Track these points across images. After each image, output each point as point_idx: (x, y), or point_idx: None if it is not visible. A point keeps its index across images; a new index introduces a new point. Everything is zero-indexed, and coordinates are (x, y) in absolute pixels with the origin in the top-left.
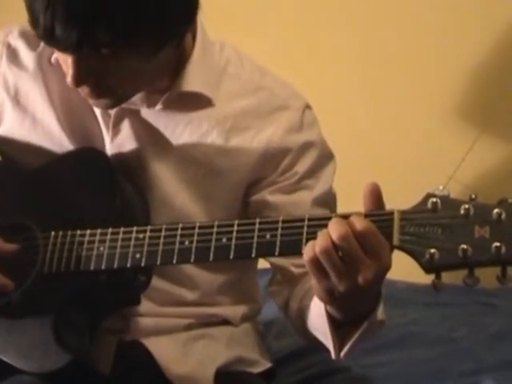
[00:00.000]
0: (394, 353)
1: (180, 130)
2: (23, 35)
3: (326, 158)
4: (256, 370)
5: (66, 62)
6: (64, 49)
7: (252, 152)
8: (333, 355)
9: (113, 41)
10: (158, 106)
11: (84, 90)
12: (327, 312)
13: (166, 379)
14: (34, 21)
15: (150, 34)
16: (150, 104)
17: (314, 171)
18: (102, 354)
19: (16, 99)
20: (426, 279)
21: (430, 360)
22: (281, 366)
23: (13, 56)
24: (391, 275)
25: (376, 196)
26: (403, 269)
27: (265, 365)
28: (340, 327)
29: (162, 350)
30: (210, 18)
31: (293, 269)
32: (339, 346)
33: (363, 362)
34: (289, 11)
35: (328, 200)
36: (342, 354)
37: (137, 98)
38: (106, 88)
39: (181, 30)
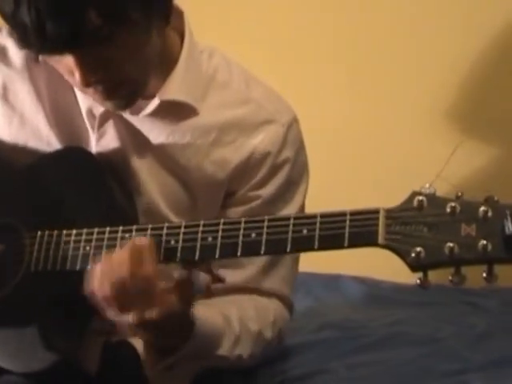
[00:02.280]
0: (379, 353)
1: (163, 138)
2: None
3: (297, 177)
4: None
5: (68, 70)
6: (62, 46)
7: (232, 165)
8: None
9: (106, 21)
10: (142, 114)
11: (97, 90)
12: None
13: None
14: (21, 32)
15: (137, 3)
16: (134, 111)
17: (283, 194)
18: (88, 354)
19: (4, 98)
20: (412, 279)
21: (416, 360)
22: (263, 367)
23: (1, 55)
24: (376, 275)
25: None
26: (388, 269)
27: None
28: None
29: None
30: (199, 22)
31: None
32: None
33: (348, 361)
34: (275, 11)
35: None
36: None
37: None
38: (118, 81)
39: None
